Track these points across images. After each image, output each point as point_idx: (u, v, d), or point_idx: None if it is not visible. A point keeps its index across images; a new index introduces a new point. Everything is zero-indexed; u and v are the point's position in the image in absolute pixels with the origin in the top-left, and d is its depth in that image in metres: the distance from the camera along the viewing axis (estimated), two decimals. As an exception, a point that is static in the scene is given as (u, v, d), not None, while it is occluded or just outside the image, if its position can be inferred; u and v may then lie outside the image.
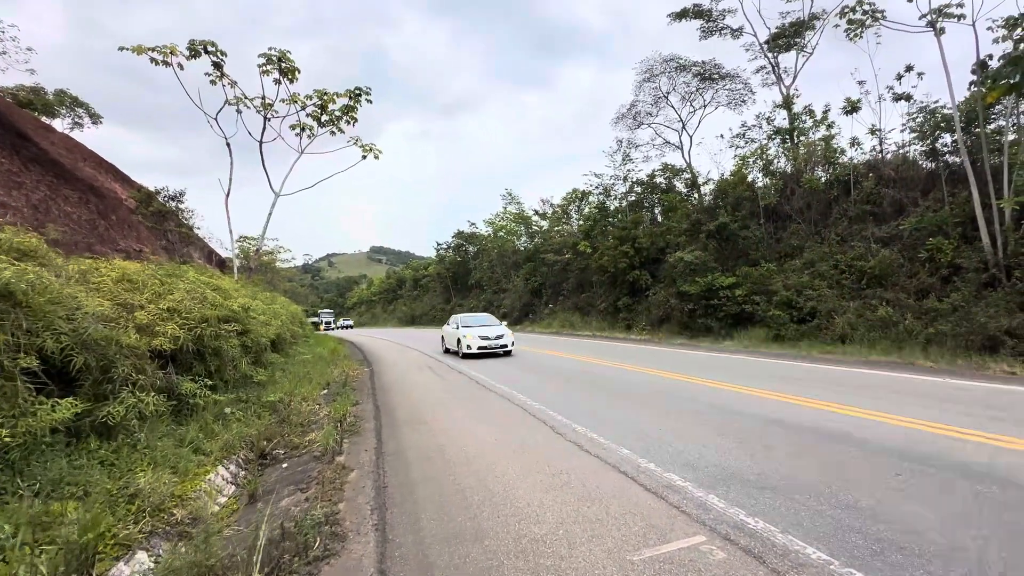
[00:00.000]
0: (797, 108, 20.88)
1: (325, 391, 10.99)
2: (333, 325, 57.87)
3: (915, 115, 16.32)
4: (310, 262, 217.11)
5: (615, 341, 19.94)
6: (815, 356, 12.61)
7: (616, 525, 3.26)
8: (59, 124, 33.53)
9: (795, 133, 20.84)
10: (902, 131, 17.67)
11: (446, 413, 7.21)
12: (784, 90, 22.17)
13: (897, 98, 17.96)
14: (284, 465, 5.88)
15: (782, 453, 4.54)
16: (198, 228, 20.65)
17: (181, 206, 17.24)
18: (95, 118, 36.64)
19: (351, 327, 56.25)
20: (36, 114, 29.44)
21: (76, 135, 36.88)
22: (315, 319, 59.18)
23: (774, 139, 21.64)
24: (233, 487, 5.24)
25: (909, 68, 17.77)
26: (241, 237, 29.32)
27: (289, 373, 11.20)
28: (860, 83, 18.79)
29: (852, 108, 18.18)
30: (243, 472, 5.69)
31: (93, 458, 4.20)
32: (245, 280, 16.81)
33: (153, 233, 14.89)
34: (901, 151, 17.37)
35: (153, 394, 5.11)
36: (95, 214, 11.18)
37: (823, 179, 18.08)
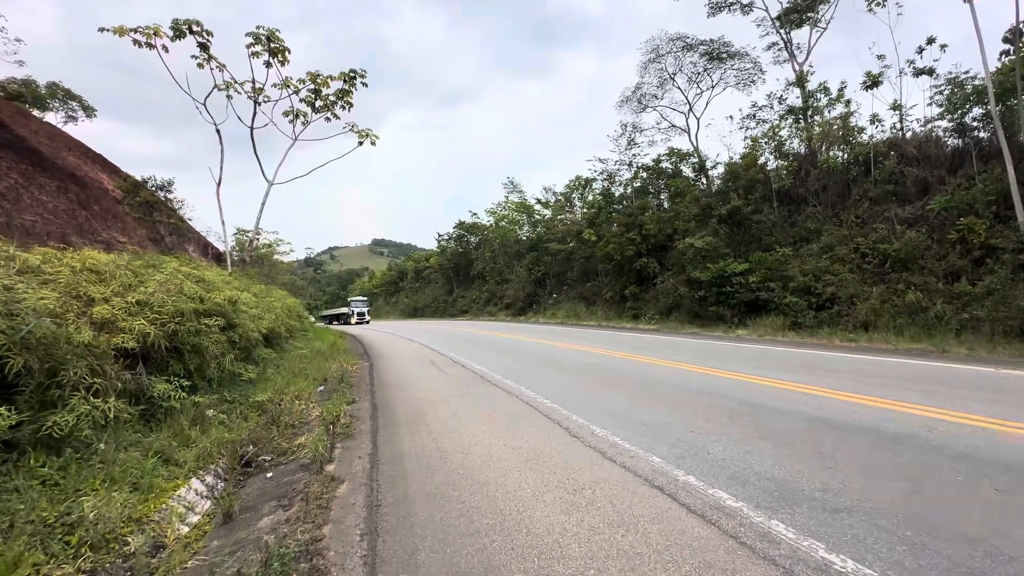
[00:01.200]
0: (811, 86, 19.95)
1: (322, 387, 10.40)
2: (367, 317, 45.45)
3: (942, 88, 15.44)
4: (312, 255, 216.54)
5: (623, 331, 19.27)
6: (838, 344, 11.93)
7: (661, 562, 2.61)
8: (52, 117, 32.81)
9: (809, 112, 19.95)
10: (928, 105, 16.71)
11: (449, 412, 6.57)
12: (797, 67, 21.23)
13: (918, 72, 17.07)
14: (269, 475, 5.26)
15: (845, 462, 3.87)
16: (191, 220, 19.98)
17: (170, 196, 16.58)
18: (88, 111, 35.87)
19: (367, 321, 44.47)
20: (27, 107, 28.74)
21: (70, 128, 36.15)
22: (340, 311, 48.41)
23: (787, 119, 20.76)
24: (208, 502, 4.62)
25: (931, 40, 16.86)
26: (238, 230, 28.70)
27: (283, 369, 10.60)
28: (879, 57, 17.82)
29: (873, 83, 17.27)
30: (222, 484, 5.07)
31: (34, 478, 3.58)
32: (239, 273, 16.17)
33: (141, 225, 14.23)
34: (925, 127, 16.50)
35: (114, 398, 4.48)
36: (75, 204, 10.52)
37: (841, 159, 17.22)
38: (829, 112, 19.58)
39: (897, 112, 17.16)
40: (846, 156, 17.52)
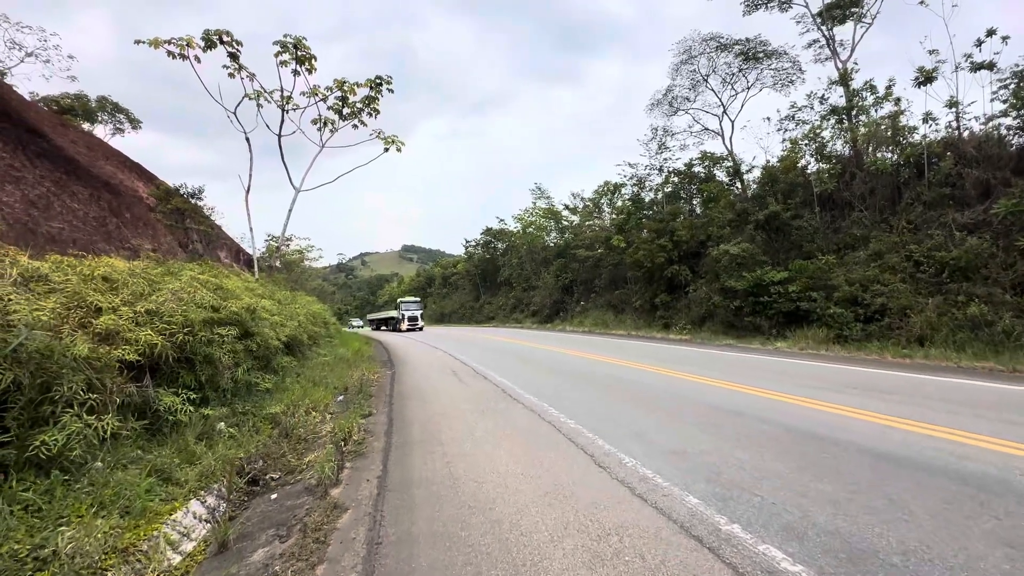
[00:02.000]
0: (856, 84, 18.85)
1: (341, 397, 10.19)
2: (420, 323, 34.62)
3: (1006, 82, 14.24)
4: (344, 261, 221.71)
5: (653, 341, 18.52)
6: (891, 360, 10.97)
7: (704, 646, 2.12)
8: (100, 130, 34.47)
9: (854, 111, 18.84)
10: (991, 101, 15.44)
11: (466, 430, 6.17)
12: (840, 65, 20.13)
13: (977, 67, 15.83)
14: (274, 496, 4.96)
15: (922, 513, 3.26)
16: (223, 226, 20.36)
17: (200, 203, 16.90)
18: (135, 123, 37.53)
19: (420, 327, 33.89)
20: (78, 120, 30.24)
21: (116, 140, 37.84)
22: (388, 315, 39.12)
23: (829, 119, 19.68)
24: (206, 527, 4.34)
25: (991, 32, 15.63)
26: (269, 236, 29.27)
27: (303, 378, 10.45)
28: (931, 52, 16.64)
29: (926, 79, 16.11)
30: (224, 504, 4.80)
31: (16, 503, 3.35)
32: (265, 279, 16.29)
33: (172, 231, 14.51)
34: (985, 125, 15.25)
35: (111, 414, 4.27)
36: (106, 211, 10.72)
37: (890, 160, 16.11)
38: (876, 111, 18.45)
39: (953, 110, 15.95)
40: (895, 157, 16.38)
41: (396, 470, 4.99)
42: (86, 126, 32.65)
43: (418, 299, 40.53)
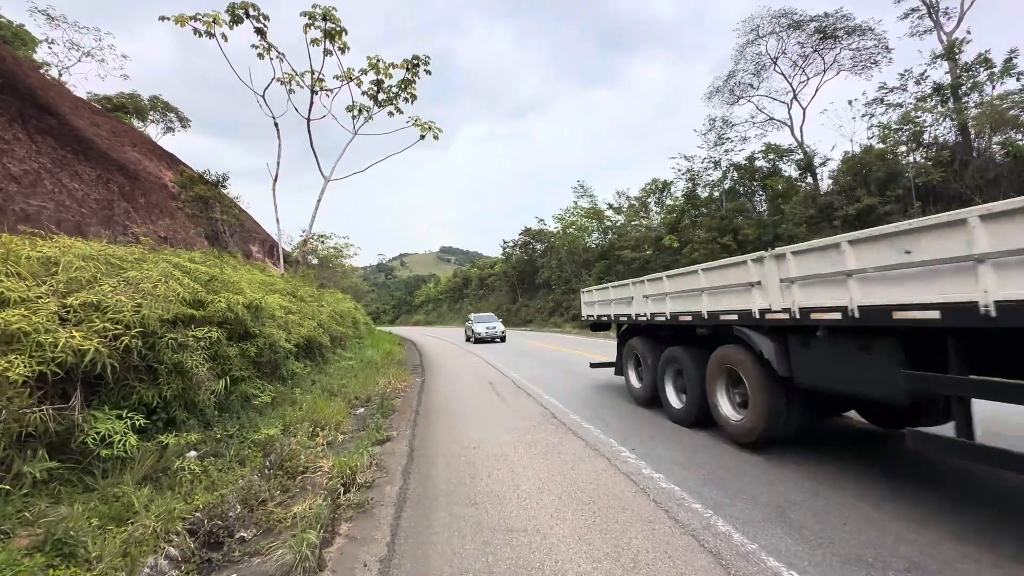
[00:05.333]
0: (966, 56, 16.03)
1: (361, 409, 8.73)
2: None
3: None
4: (384, 261, 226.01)
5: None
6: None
7: None
8: (152, 129, 35.22)
9: (963, 90, 16.03)
10: None
11: (510, 480, 4.46)
12: (944, 37, 17.29)
13: None
14: (233, 576, 3.42)
15: None
16: (261, 223, 19.54)
17: (225, 191, 16.02)
18: (184, 122, 38.33)
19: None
20: (128, 117, 30.79)
21: (167, 139, 38.42)
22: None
23: (930, 100, 16.89)
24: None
25: None
26: (305, 232, 28.65)
27: (318, 386, 9.05)
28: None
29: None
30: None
31: None
32: (291, 274, 15.18)
33: (195, 222, 13.62)
34: None
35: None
36: (116, 195, 9.76)
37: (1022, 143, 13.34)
38: (991, 88, 15.59)
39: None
40: (1026, 140, 13.59)
41: (408, 553, 3.33)
42: (137, 124, 33.31)
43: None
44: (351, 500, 4.31)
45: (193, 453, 4.84)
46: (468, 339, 24.02)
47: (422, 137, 16.75)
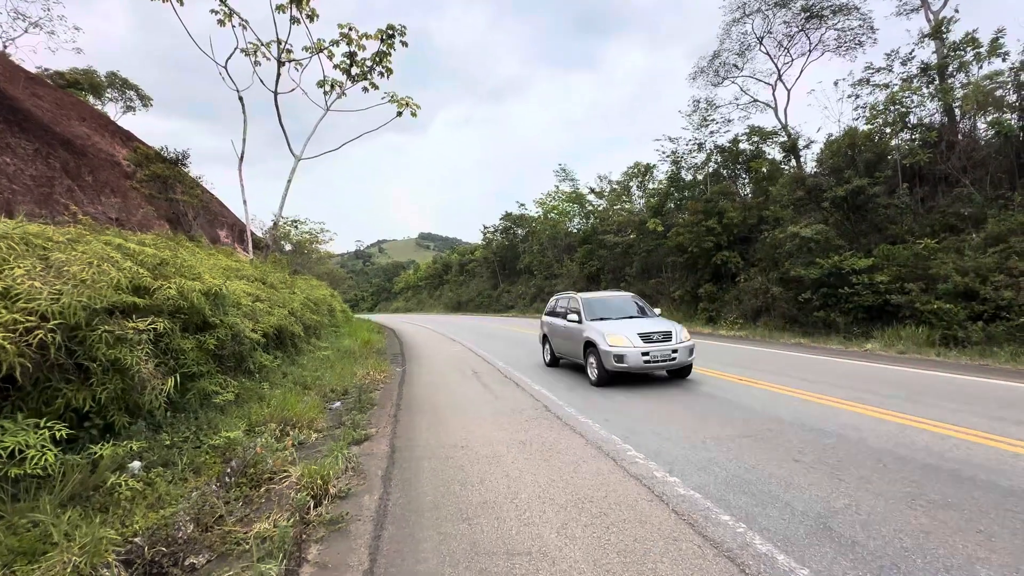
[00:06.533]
0: (955, 35, 15.85)
1: (338, 403, 8.12)
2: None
3: None
4: (362, 248, 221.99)
5: (701, 337, 16.02)
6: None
7: None
8: (111, 108, 33.08)
9: (950, 70, 15.88)
10: None
11: (506, 486, 3.94)
12: (931, 16, 17.10)
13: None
14: (175, 619, 2.83)
15: None
16: (230, 207, 18.36)
17: (185, 169, 14.80)
18: (145, 100, 36.16)
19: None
20: (83, 94, 28.76)
21: (128, 119, 36.13)
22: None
23: (915, 80, 16.72)
24: None
25: None
26: (278, 217, 27.36)
27: (290, 379, 8.37)
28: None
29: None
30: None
31: None
32: (261, 260, 14.27)
33: (152, 203, 12.52)
34: None
35: None
36: (57, 172, 8.75)
37: (1012, 123, 13.22)
38: (978, 68, 15.47)
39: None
40: (1013, 121, 13.48)
41: (389, 583, 2.77)
42: (93, 101, 31.21)
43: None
44: (323, 516, 3.73)
45: (137, 464, 4.17)
46: (551, 362, 10.21)
47: (399, 114, 15.86)
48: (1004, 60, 14.94)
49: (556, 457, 4.54)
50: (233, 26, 13.67)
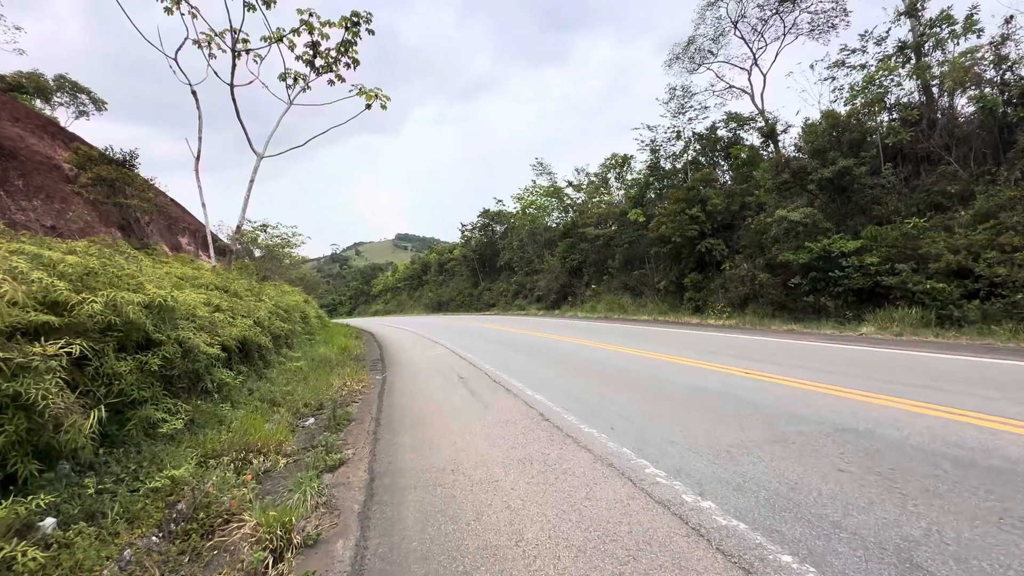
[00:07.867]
0: (931, 13, 15.76)
1: (312, 420, 7.37)
2: None
3: None
4: (338, 251, 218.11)
5: (691, 328, 15.65)
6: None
7: None
8: (62, 113, 31.12)
9: (928, 47, 15.79)
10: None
11: (507, 522, 3.28)
12: (906, -6, 16.99)
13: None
14: None
15: None
16: (194, 213, 17.16)
17: (135, 171, 13.62)
18: (99, 104, 34.18)
19: None
20: (28, 99, 26.89)
21: (81, 124, 34.01)
22: None
23: (894, 59, 16.62)
24: None
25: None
26: (242, 220, 26.05)
27: (255, 396, 7.56)
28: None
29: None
30: None
31: None
32: (225, 267, 13.27)
33: (97, 208, 11.41)
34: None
35: None
36: (-21, 176, 7.75)
37: (995, 98, 13.09)
38: (955, 46, 15.40)
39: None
40: (996, 95, 13.37)
41: None
42: (41, 106, 29.27)
43: None
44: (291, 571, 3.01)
45: (51, 521, 3.37)
46: None
47: (368, 107, 14.95)
48: (979, 36, 14.90)
49: (563, 479, 3.90)
50: (183, 14, 12.61)
